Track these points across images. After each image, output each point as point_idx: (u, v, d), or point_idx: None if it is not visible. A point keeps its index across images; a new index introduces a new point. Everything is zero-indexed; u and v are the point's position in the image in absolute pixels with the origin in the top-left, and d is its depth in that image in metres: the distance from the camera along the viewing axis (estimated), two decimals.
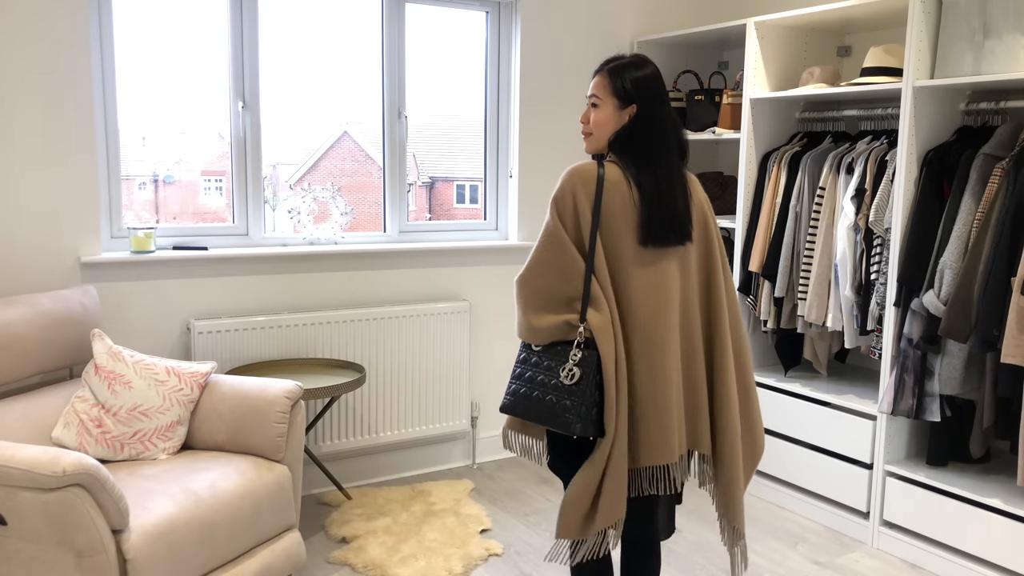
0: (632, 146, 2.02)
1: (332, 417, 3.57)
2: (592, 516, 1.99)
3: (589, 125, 2.06)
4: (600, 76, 2.05)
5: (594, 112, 2.05)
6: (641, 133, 2.02)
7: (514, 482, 3.75)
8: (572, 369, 1.94)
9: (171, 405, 2.68)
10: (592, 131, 2.06)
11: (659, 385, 1.99)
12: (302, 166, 3.79)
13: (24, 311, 2.67)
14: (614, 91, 2.02)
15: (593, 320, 1.94)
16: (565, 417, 1.93)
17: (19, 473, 2.01)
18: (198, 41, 3.35)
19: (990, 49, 2.82)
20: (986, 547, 2.84)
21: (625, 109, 2.02)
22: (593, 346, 1.95)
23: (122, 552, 2.13)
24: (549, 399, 1.96)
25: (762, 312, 3.59)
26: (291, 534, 2.65)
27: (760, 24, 3.57)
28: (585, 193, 1.97)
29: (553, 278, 1.97)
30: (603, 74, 2.05)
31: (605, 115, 2.03)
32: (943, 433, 3.08)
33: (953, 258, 2.85)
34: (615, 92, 2.02)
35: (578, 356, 1.94)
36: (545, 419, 1.97)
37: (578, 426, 1.92)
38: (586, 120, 2.07)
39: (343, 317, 3.55)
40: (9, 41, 2.89)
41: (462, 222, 4.02)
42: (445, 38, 3.88)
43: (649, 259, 2.01)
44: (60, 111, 3.00)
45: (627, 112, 2.02)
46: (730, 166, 4.21)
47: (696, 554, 3.13)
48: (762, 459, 3.62)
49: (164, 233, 3.34)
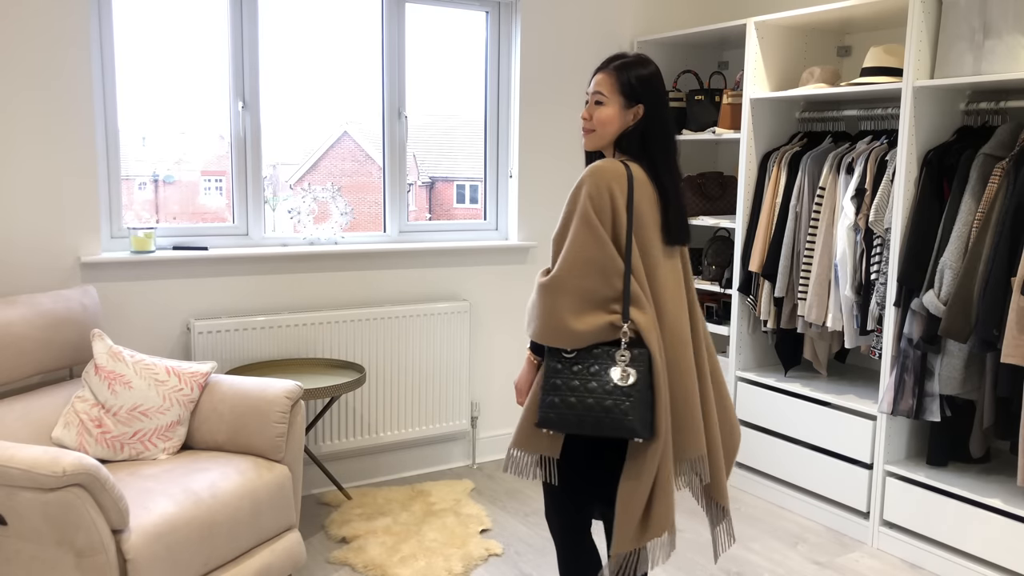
0: (648, 146, 2.03)
1: (332, 417, 3.57)
2: (647, 522, 1.96)
3: (592, 122, 2.06)
4: (605, 74, 2.04)
5: (598, 109, 2.04)
6: (653, 133, 2.03)
7: (514, 482, 3.75)
8: (627, 370, 1.91)
9: (171, 405, 2.68)
10: (595, 128, 2.05)
11: (687, 380, 2.01)
12: (302, 166, 3.79)
13: (24, 311, 2.67)
14: (620, 89, 2.02)
15: (639, 319, 1.93)
16: (628, 420, 1.89)
17: (19, 473, 2.01)
18: (198, 41, 3.35)
19: (990, 49, 2.82)
20: (986, 547, 2.84)
21: (631, 108, 2.02)
22: (641, 344, 1.93)
23: (122, 552, 2.13)
24: (607, 403, 1.90)
25: (762, 312, 3.59)
26: (291, 534, 2.65)
27: (760, 24, 3.57)
28: (620, 191, 1.97)
29: (594, 278, 1.93)
30: (608, 72, 2.04)
31: (610, 113, 2.03)
32: (943, 433, 3.08)
33: (953, 258, 2.85)
34: (621, 90, 2.02)
35: (628, 356, 1.92)
36: (605, 426, 1.91)
37: (640, 428, 1.90)
38: (589, 116, 2.06)
39: (343, 317, 3.55)
40: (9, 41, 2.89)
41: (462, 222, 4.02)
42: (445, 38, 3.88)
43: (667, 257, 2.05)
44: (60, 111, 3.00)
45: (632, 111, 2.03)
46: (730, 166, 4.21)
47: (696, 554, 3.13)
48: (762, 459, 3.63)
49: (164, 233, 3.34)
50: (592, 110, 2.05)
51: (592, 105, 2.06)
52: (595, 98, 2.05)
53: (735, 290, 3.73)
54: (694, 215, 3.96)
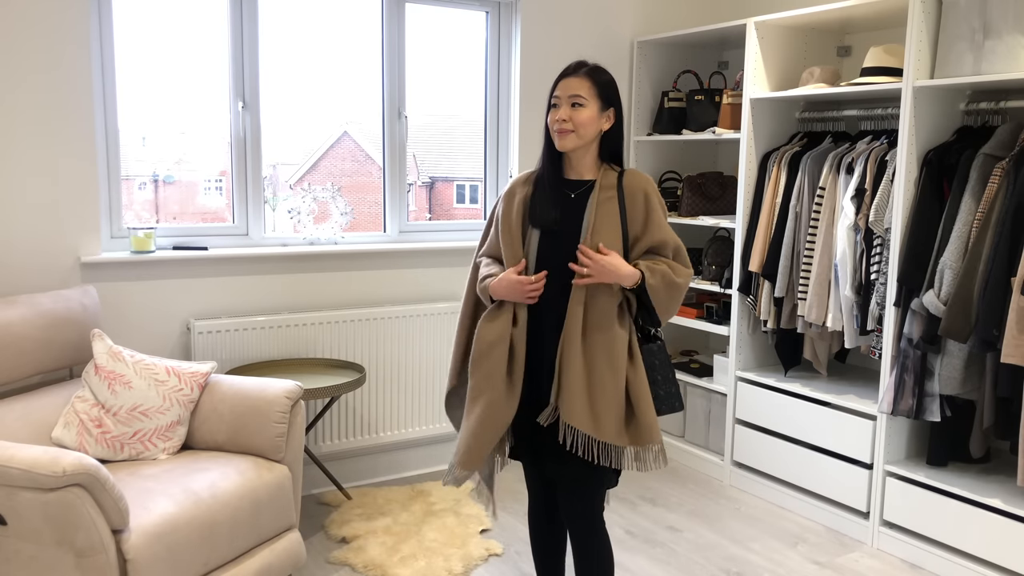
0: (621, 151, 2.26)
1: (332, 417, 3.57)
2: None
3: (570, 123, 2.14)
4: (580, 78, 2.15)
5: (577, 111, 2.14)
6: (621, 136, 2.26)
7: (514, 482, 3.75)
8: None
9: (171, 405, 2.68)
10: (575, 129, 2.14)
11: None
12: (302, 166, 3.79)
13: (24, 311, 2.67)
14: (598, 94, 2.15)
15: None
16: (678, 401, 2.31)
17: (19, 473, 2.01)
18: (198, 41, 3.35)
19: (990, 49, 2.82)
20: (986, 547, 2.84)
21: (604, 112, 2.16)
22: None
23: (122, 552, 2.13)
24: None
25: (762, 312, 3.59)
26: (291, 534, 2.65)
27: (760, 24, 3.57)
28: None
29: None
30: (583, 76, 2.15)
31: (589, 115, 2.15)
32: (943, 433, 3.08)
33: (953, 258, 2.85)
34: (599, 95, 2.15)
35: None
36: (678, 405, 2.29)
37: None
38: (568, 118, 2.14)
39: (343, 317, 3.55)
40: (9, 40, 2.89)
41: (462, 222, 4.02)
42: (445, 38, 3.88)
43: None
44: (60, 111, 3.00)
45: (606, 115, 2.17)
46: (730, 166, 4.21)
47: (696, 554, 3.13)
48: (762, 459, 3.63)
49: (164, 233, 3.34)
50: (570, 112, 2.14)
51: (568, 108, 2.14)
52: (573, 100, 2.14)
53: (735, 290, 3.73)
54: (694, 215, 3.96)
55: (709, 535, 3.29)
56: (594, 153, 2.20)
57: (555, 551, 2.44)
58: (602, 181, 2.18)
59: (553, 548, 2.44)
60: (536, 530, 2.43)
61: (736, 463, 3.79)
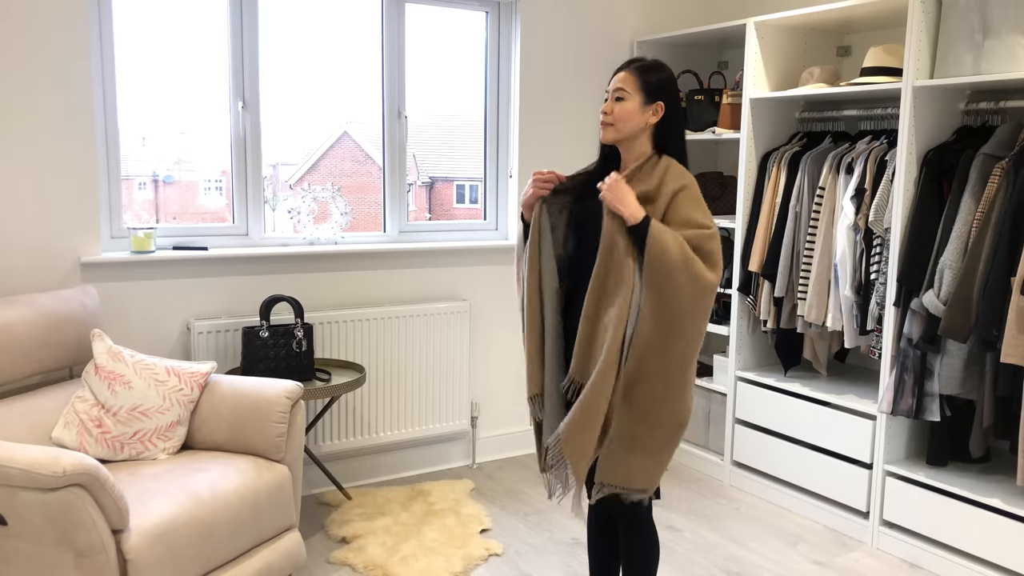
0: (679, 146, 2.19)
1: (332, 417, 3.57)
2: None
3: (612, 116, 2.14)
4: (627, 72, 2.16)
5: (619, 104, 2.14)
6: (677, 130, 2.20)
7: (514, 482, 3.75)
8: None
9: (171, 405, 2.68)
10: (614, 122, 2.14)
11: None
12: (302, 166, 3.79)
13: (24, 311, 2.67)
14: (642, 87, 2.13)
15: None
16: None
17: (19, 473, 2.01)
18: (198, 41, 3.35)
19: (990, 49, 2.82)
20: (986, 547, 2.84)
21: (650, 106, 2.14)
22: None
23: (122, 552, 2.13)
24: None
25: (762, 312, 3.59)
26: (291, 534, 2.65)
27: (760, 24, 3.57)
28: None
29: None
30: (630, 70, 2.16)
31: (631, 108, 2.14)
32: (943, 433, 3.08)
33: (953, 258, 2.85)
34: (643, 88, 2.13)
35: None
36: None
37: None
38: (609, 111, 2.15)
39: (343, 317, 3.55)
40: (9, 41, 2.89)
41: (462, 222, 4.02)
42: (445, 38, 3.88)
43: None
44: (60, 111, 3.00)
45: (651, 109, 2.14)
46: (730, 166, 4.21)
47: (696, 554, 3.13)
48: (762, 459, 3.63)
49: (164, 233, 3.34)
50: (613, 105, 2.15)
51: (612, 101, 2.15)
52: (617, 94, 2.15)
53: (735, 290, 3.73)
54: None
55: (709, 535, 3.29)
56: (642, 147, 2.16)
57: (608, 548, 2.44)
58: (635, 172, 2.13)
59: (607, 546, 2.43)
60: (591, 527, 2.45)
61: (736, 463, 3.79)
